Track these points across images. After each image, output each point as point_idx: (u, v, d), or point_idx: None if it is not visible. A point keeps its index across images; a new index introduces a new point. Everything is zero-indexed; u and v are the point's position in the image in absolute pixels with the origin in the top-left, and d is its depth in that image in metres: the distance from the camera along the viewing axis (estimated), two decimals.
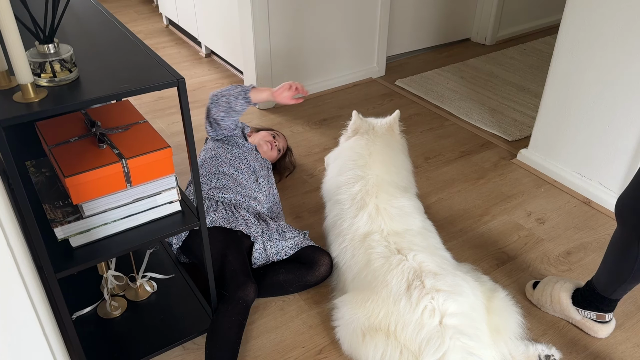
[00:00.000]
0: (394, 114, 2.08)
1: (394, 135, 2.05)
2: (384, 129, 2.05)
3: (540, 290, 1.79)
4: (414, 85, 3.31)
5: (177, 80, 1.22)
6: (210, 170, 2.00)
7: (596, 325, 1.68)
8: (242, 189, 1.96)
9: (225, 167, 2.01)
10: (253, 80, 2.99)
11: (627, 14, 1.96)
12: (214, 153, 2.06)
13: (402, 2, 3.45)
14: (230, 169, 2.01)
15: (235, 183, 1.96)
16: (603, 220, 2.22)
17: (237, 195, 1.93)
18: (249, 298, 1.63)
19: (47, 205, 1.34)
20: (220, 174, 1.98)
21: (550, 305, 1.76)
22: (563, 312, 1.73)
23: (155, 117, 2.96)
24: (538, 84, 3.32)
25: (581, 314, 1.70)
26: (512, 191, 2.39)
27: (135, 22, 4.30)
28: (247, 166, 2.05)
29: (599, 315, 1.67)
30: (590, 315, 1.68)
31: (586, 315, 1.69)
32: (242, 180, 1.99)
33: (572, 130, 2.31)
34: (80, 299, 1.70)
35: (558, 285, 1.74)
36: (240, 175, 2.00)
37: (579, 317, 1.70)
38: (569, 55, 2.22)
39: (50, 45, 1.17)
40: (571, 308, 1.70)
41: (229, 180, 1.96)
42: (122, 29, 1.49)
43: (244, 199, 1.94)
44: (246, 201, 1.94)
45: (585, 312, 1.69)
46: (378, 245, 1.67)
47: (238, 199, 1.92)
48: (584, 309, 1.69)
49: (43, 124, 1.44)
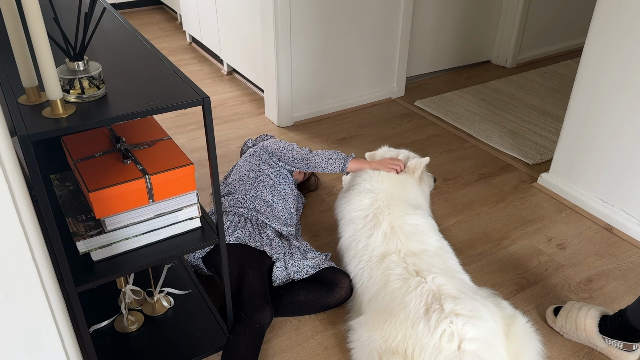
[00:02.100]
0: (423, 159, 2.05)
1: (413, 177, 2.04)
2: (409, 167, 2.04)
3: (564, 317, 1.75)
4: (434, 106, 3.31)
5: (202, 99, 1.23)
6: (249, 191, 1.98)
7: (623, 353, 1.65)
8: (272, 216, 1.96)
9: (263, 193, 1.99)
10: (274, 99, 3.01)
11: None
12: (256, 175, 2.03)
13: (422, 23, 3.47)
14: (268, 195, 1.99)
15: (270, 210, 1.96)
16: (625, 247, 2.18)
17: (267, 219, 1.93)
18: (266, 322, 1.63)
19: (70, 218, 1.36)
20: (256, 197, 1.97)
21: (575, 333, 1.72)
22: (589, 339, 1.70)
23: (176, 132, 3.00)
24: (559, 107, 3.29)
25: (607, 342, 1.66)
26: (533, 215, 2.37)
27: (159, 39, 4.38)
28: (283, 198, 2.04)
29: (626, 345, 1.63)
30: (617, 344, 1.64)
31: (612, 344, 1.65)
32: (276, 209, 1.99)
33: (595, 155, 2.28)
34: (98, 312, 1.71)
35: (583, 312, 1.71)
36: (275, 204, 2.00)
37: (604, 345, 1.66)
38: (592, 79, 2.20)
39: (80, 63, 1.20)
40: (597, 336, 1.67)
41: (263, 206, 1.95)
42: (149, 47, 1.52)
43: (273, 223, 1.94)
44: (276, 225, 1.95)
45: (611, 341, 1.65)
46: (396, 267, 1.66)
47: (266, 222, 1.93)
48: (611, 337, 1.65)
49: (69, 138, 1.47)
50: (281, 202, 2.01)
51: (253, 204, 1.95)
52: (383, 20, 3.14)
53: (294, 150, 2.06)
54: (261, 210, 1.94)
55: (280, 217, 1.99)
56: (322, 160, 2.01)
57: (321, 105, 3.19)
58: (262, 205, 1.96)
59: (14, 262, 0.94)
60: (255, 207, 1.94)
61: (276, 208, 1.99)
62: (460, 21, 3.66)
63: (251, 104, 3.34)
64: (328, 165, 2.00)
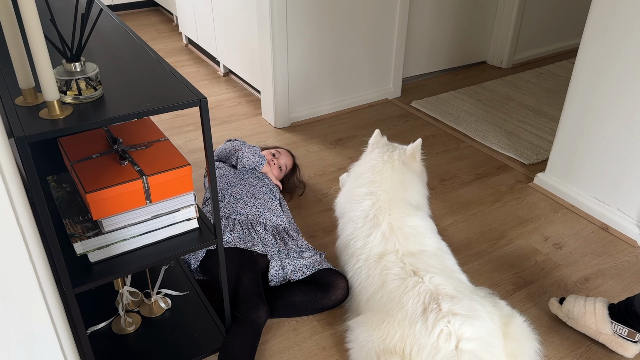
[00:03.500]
0: (416, 141, 2.04)
1: (414, 162, 2.04)
2: (403, 154, 2.03)
3: (572, 302, 1.76)
4: (430, 107, 3.32)
5: (199, 100, 1.24)
6: (222, 186, 2.04)
7: (626, 343, 1.66)
8: (256, 200, 1.97)
9: (236, 181, 2.06)
10: (271, 100, 3.01)
11: None
12: (223, 172, 2.12)
13: (418, 25, 3.48)
14: (241, 182, 2.06)
15: (249, 194, 1.98)
16: (621, 246, 2.19)
17: (252, 207, 1.94)
18: (261, 320, 1.63)
19: (67, 220, 1.36)
20: (232, 186, 2.02)
21: (583, 317, 1.72)
22: (597, 323, 1.70)
23: (173, 134, 2.99)
24: (555, 107, 3.31)
25: (613, 328, 1.67)
26: (529, 215, 2.37)
27: (156, 41, 4.38)
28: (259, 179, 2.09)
29: (630, 333, 1.64)
30: (622, 331, 1.65)
31: (617, 331, 1.66)
32: (256, 191, 2.01)
33: (590, 155, 2.29)
34: (95, 314, 1.70)
35: (591, 299, 1.73)
36: (252, 187, 2.02)
37: (610, 332, 1.67)
38: (587, 79, 2.22)
39: (77, 64, 1.20)
40: (607, 319, 1.68)
41: (242, 193, 1.98)
42: (146, 48, 1.52)
43: (259, 211, 1.95)
44: (262, 214, 1.95)
45: (618, 327, 1.66)
46: (394, 267, 1.66)
47: (254, 212, 1.93)
48: (618, 322, 1.66)
49: (66, 140, 1.46)
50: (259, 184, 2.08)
51: (232, 195, 1.99)
52: (379, 22, 3.15)
53: (225, 147, 2.25)
54: (243, 199, 1.98)
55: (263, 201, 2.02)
56: (249, 151, 2.16)
57: (318, 106, 3.19)
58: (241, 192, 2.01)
59: (12, 263, 0.94)
60: (236, 198, 1.99)
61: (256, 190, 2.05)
62: (456, 22, 3.67)
63: (248, 105, 3.35)
64: (250, 155, 2.15)
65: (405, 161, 2.00)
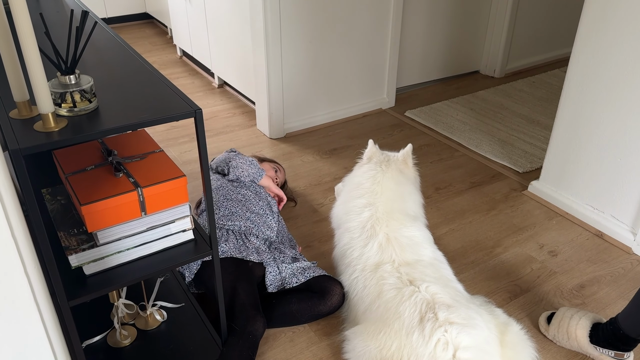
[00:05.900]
0: (407, 147, 2.08)
1: (407, 168, 2.05)
2: (398, 161, 2.04)
3: (556, 326, 1.76)
4: (424, 116, 3.33)
5: (194, 111, 1.24)
6: (218, 199, 2.01)
7: None
8: (251, 215, 1.97)
9: (233, 194, 2.03)
10: (265, 111, 3.02)
11: (637, 46, 1.98)
12: (220, 184, 2.09)
13: (411, 35, 3.51)
14: (237, 195, 2.03)
15: (244, 209, 1.97)
16: (616, 253, 2.19)
17: (246, 221, 1.93)
18: (258, 332, 1.62)
19: (62, 232, 1.35)
20: (228, 200, 2.00)
21: (567, 342, 1.73)
22: (581, 348, 1.70)
23: (168, 145, 2.99)
24: (548, 116, 3.33)
25: (599, 351, 1.66)
26: (524, 223, 2.38)
27: (150, 53, 4.39)
28: (256, 194, 2.07)
29: (617, 354, 1.64)
30: (609, 353, 1.65)
31: (604, 353, 1.66)
32: (252, 205, 2.00)
33: (584, 163, 2.31)
34: (90, 327, 1.69)
35: (574, 322, 1.71)
36: (249, 202, 2.01)
37: (597, 354, 1.67)
38: (579, 88, 2.24)
39: (72, 76, 1.20)
40: (589, 346, 1.67)
41: (237, 207, 1.97)
42: (141, 61, 1.53)
43: (254, 224, 1.94)
44: (257, 227, 1.94)
45: (603, 350, 1.66)
46: (390, 277, 1.66)
47: (248, 225, 1.93)
48: (602, 347, 1.66)
49: (60, 152, 1.46)
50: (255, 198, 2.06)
51: (227, 208, 1.98)
52: (372, 32, 3.17)
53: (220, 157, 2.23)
54: (238, 213, 1.96)
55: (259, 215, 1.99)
56: (244, 162, 2.15)
57: (312, 117, 3.20)
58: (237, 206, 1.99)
59: (6, 276, 0.93)
60: (231, 212, 1.96)
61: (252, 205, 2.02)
62: (449, 32, 3.70)
63: (242, 116, 3.35)
64: (246, 167, 2.13)
65: (400, 168, 2.01)
